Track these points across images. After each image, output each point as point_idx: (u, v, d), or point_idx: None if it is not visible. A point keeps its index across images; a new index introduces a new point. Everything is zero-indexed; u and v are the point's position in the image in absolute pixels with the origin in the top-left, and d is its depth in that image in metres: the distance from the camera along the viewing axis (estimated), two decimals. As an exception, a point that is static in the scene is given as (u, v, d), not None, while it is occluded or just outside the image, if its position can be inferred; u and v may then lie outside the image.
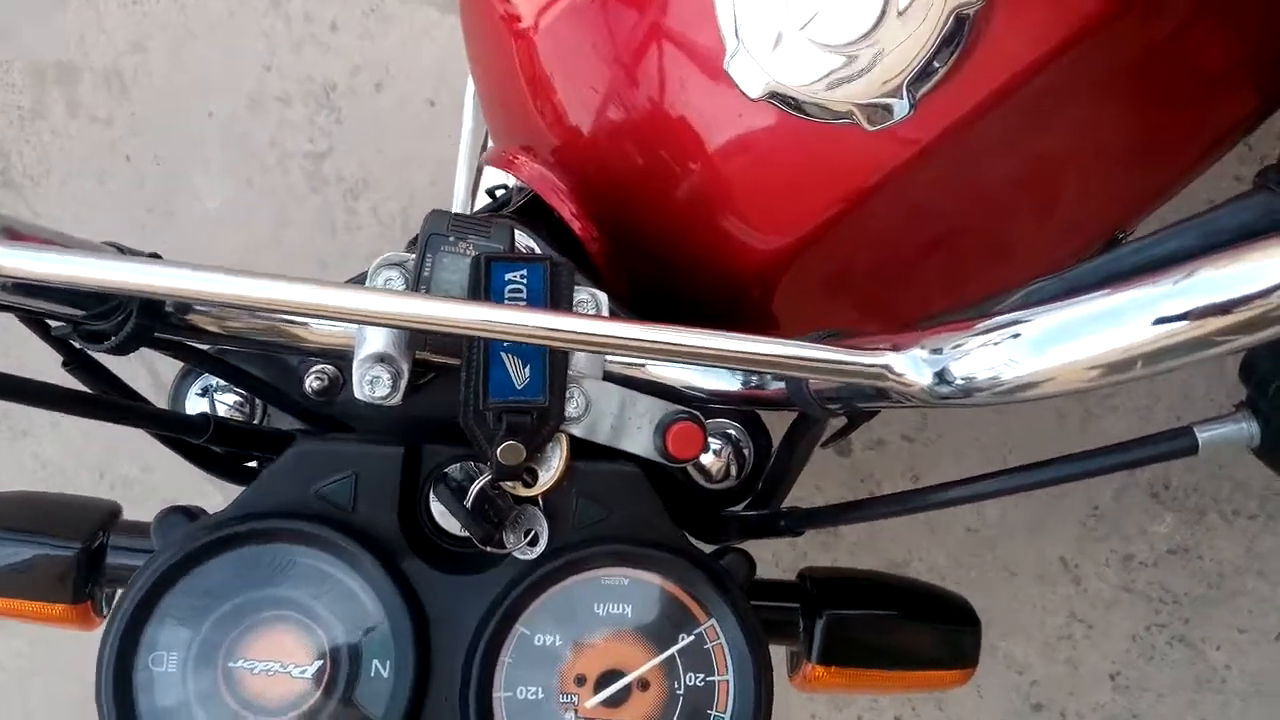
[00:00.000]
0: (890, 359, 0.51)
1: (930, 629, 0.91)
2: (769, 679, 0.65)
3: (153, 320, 0.57)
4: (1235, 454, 1.68)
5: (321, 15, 1.90)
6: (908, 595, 0.92)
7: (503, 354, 0.62)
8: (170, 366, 0.74)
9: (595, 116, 0.74)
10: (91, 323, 0.57)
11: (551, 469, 0.64)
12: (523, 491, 0.64)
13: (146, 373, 1.87)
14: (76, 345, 0.59)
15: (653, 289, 0.76)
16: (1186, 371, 1.64)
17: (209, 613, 0.62)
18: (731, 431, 0.74)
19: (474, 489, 0.64)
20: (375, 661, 0.63)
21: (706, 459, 0.74)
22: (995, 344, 0.51)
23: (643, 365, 0.67)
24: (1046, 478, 0.58)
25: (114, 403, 0.57)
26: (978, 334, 0.51)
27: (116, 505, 0.82)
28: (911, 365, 0.51)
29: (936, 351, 0.51)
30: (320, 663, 0.62)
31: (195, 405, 0.72)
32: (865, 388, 0.56)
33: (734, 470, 0.74)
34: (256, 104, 1.88)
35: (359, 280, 0.69)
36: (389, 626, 0.63)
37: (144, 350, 0.60)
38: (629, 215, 0.75)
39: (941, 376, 0.51)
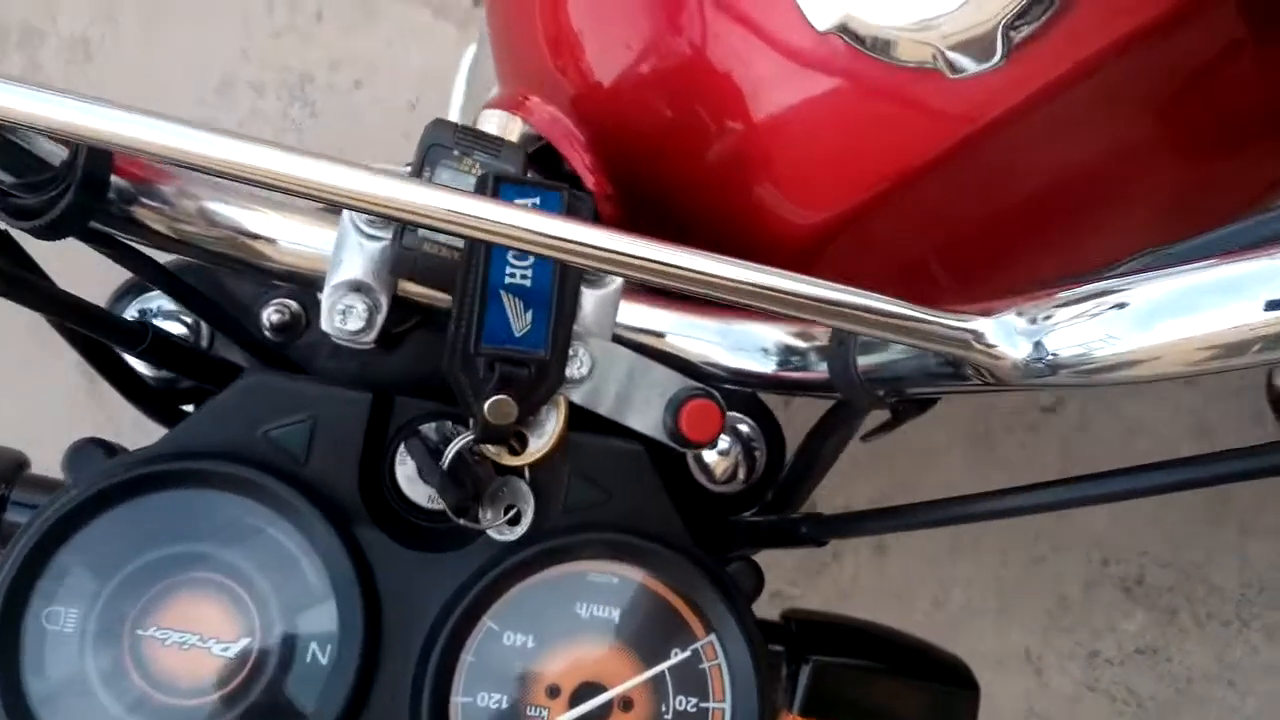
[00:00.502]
0: (981, 325, 0.43)
1: (925, 689, 0.82)
2: (772, 712, 0.56)
3: (93, 201, 0.48)
4: (1212, 556, 1.62)
5: (307, 4, 1.82)
6: (902, 650, 0.83)
7: (503, 292, 0.52)
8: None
9: (624, 63, 0.66)
10: (20, 194, 0.47)
11: (545, 435, 0.55)
12: (507, 460, 0.55)
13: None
14: (-1, 224, 0.49)
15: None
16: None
17: (121, 565, 0.52)
18: (744, 428, 0.65)
19: (452, 448, 0.54)
20: (314, 645, 0.53)
21: (710, 457, 0.65)
22: (1093, 315, 0.43)
23: (661, 335, 0.59)
24: (1132, 487, 0.48)
25: (41, 287, 0.47)
26: (1081, 300, 0.43)
27: (23, 455, 0.71)
28: (1004, 334, 0.43)
29: (1033, 320, 0.43)
30: (247, 640, 0.52)
31: (131, 332, 0.62)
32: (936, 363, 0.48)
33: (742, 473, 0.65)
34: (227, 88, 1.78)
35: (340, 205, 0.60)
36: (335, 604, 0.53)
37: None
38: (649, 175, 0.66)
39: (1038, 348, 0.43)
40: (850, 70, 0.55)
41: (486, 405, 0.52)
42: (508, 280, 0.53)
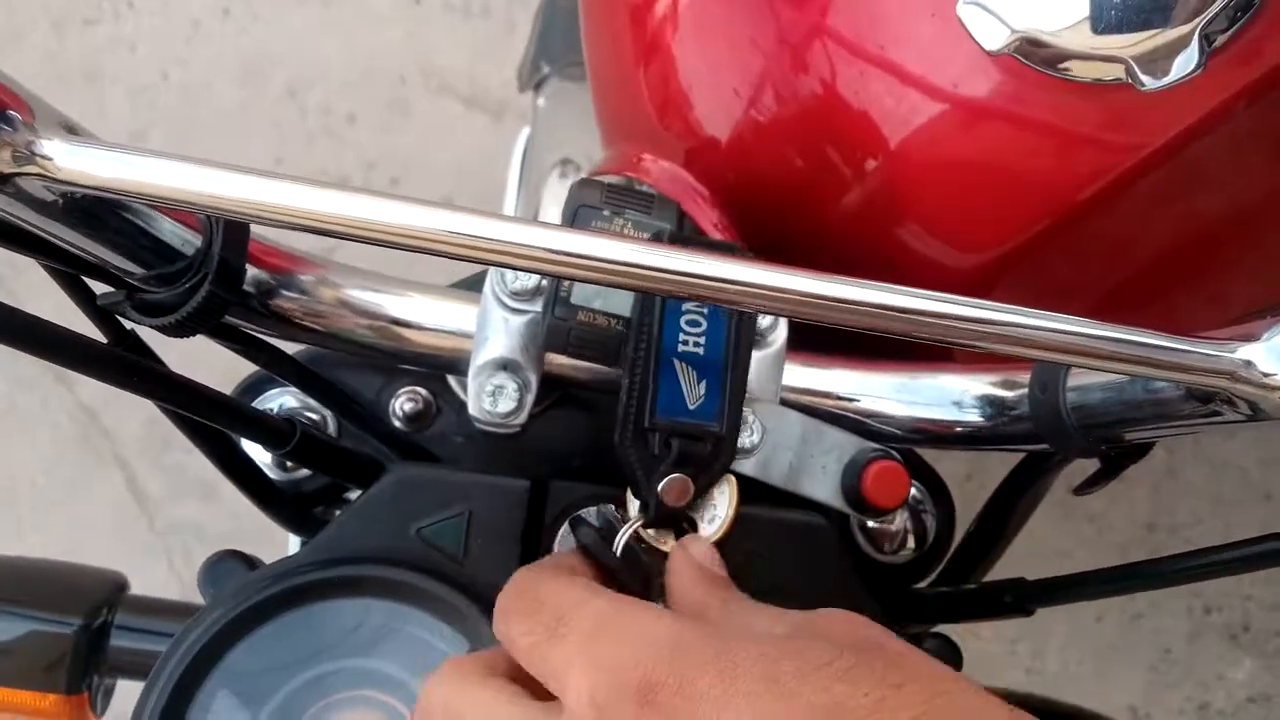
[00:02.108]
0: (1249, 352, 0.38)
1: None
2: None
3: (230, 293, 0.44)
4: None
5: (339, 107, 1.81)
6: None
7: (676, 361, 0.48)
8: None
9: (742, 114, 0.62)
10: (151, 287, 0.43)
11: (719, 519, 0.50)
12: None
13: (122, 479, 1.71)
14: (126, 324, 0.45)
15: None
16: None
17: (275, 689, 0.47)
18: (911, 492, 0.60)
19: (623, 535, 0.49)
20: (485, 762, 0.47)
21: (874, 525, 0.60)
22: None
23: (831, 395, 0.54)
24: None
25: (186, 385, 0.43)
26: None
27: (122, 577, 0.67)
28: (1277, 358, 0.38)
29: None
30: (414, 762, 0.47)
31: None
32: (1174, 400, 0.43)
33: (911, 540, 0.60)
34: (264, 194, 1.76)
35: (471, 284, 0.56)
36: (507, 715, 0.47)
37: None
38: (781, 229, 0.62)
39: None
40: (1019, 92, 0.51)
41: (662, 485, 0.48)
42: (680, 348, 0.48)
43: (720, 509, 0.50)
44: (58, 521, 1.68)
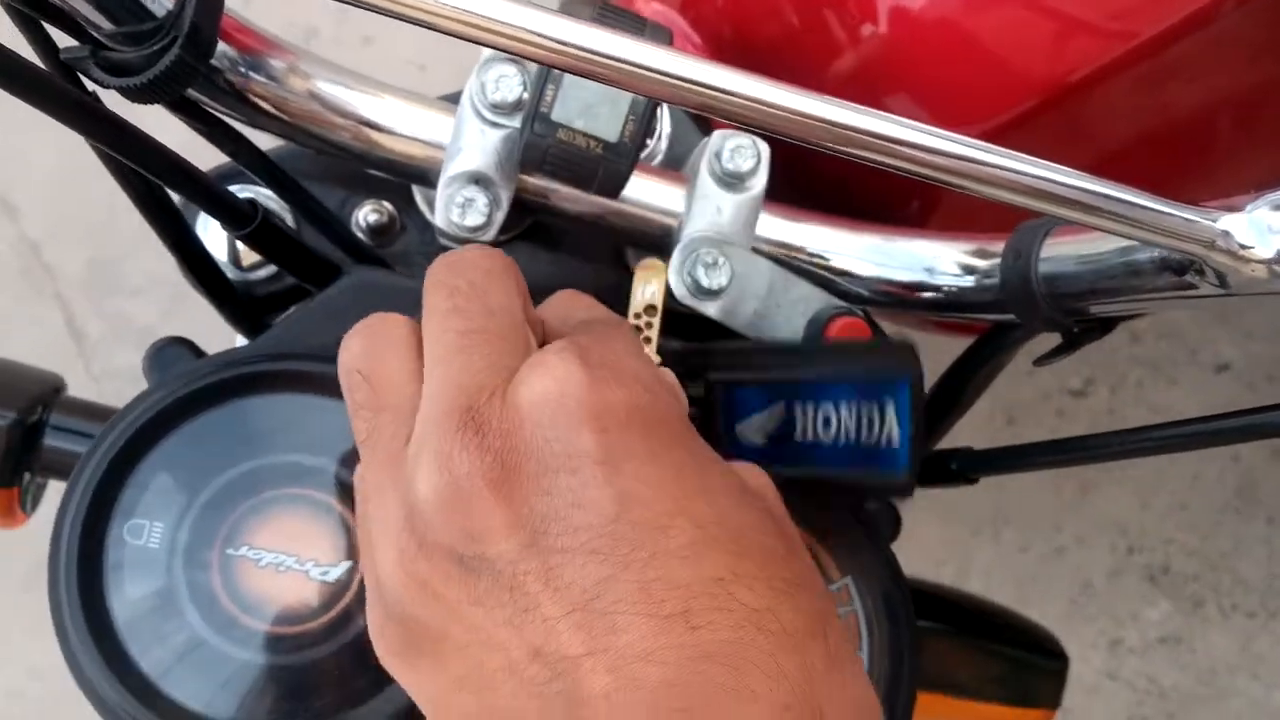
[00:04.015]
0: (1230, 221, 0.38)
1: (1010, 658, 0.78)
2: (915, 663, 0.51)
3: (198, 62, 0.42)
4: (1240, 546, 1.58)
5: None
6: (983, 616, 0.79)
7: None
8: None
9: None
10: (118, 45, 0.41)
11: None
12: None
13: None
14: (87, 84, 0.43)
15: (787, 180, 0.63)
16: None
17: (211, 477, 0.46)
18: (869, 362, 0.60)
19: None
20: (420, 569, 0.47)
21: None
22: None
23: (804, 250, 0.53)
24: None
25: (153, 144, 0.41)
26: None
27: (60, 379, 0.66)
28: (1258, 231, 0.38)
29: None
30: (350, 563, 0.46)
31: (208, 228, 0.56)
32: (1147, 270, 0.43)
33: (862, 411, 0.60)
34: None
35: (453, 98, 0.54)
36: (445, 526, 0.47)
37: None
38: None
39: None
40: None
41: None
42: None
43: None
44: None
